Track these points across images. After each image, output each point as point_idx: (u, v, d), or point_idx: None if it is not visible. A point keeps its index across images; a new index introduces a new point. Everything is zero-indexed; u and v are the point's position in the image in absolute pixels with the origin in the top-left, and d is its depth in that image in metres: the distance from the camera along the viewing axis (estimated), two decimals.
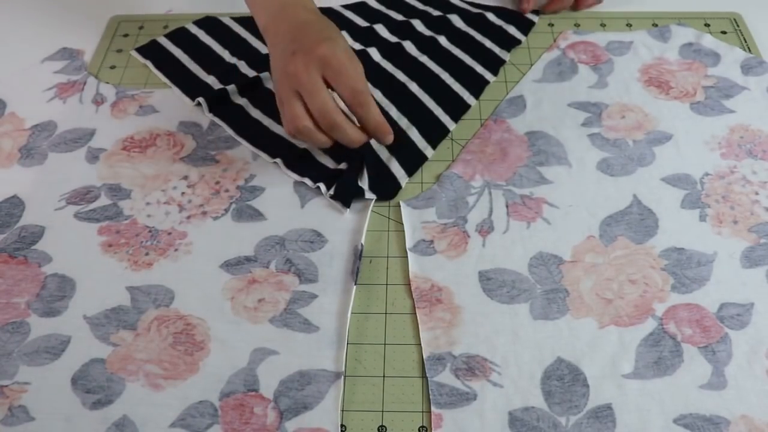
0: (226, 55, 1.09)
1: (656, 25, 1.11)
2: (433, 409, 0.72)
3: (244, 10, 1.16)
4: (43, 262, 0.84)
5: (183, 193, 0.90)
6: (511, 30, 1.11)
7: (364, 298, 0.81)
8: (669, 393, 0.72)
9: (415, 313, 0.79)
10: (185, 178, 0.92)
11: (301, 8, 0.89)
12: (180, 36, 1.13)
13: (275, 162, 0.93)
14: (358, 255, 0.83)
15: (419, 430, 0.71)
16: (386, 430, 0.71)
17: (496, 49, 1.08)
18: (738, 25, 1.12)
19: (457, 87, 1.02)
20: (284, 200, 0.90)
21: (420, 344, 0.77)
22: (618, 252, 0.83)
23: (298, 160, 0.92)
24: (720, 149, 0.93)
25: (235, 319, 0.79)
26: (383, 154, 0.93)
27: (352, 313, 0.79)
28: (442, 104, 0.99)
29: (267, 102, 0.99)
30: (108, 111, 1.01)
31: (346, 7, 1.17)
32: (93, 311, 0.80)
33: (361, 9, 1.17)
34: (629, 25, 1.12)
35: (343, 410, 0.72)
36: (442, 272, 0.83)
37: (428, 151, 0.94)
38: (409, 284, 0.82)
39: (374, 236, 0.87)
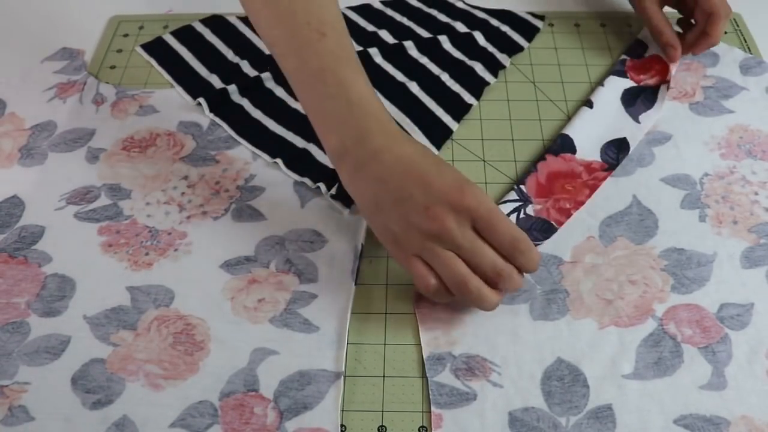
0: (230, 54, 1.09)
1: None
2: (433, 409, 0.72)
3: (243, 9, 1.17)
4: (43, 262, 0.84)
5: (183, 193, 0.90)
6: (515, 36, 1.11)
7: (364, 298, 0.81)
8: (669, 393, 0.72)
9: (415, 313, 0.79)
10: (185, 178, 0.92)
11: (391, 136, 0.78)
12: (185, 34, 1.13)
13: (275, 162, 0.93)
14: (357, 255, 0.83)
15: (419, 430, 0.71)
16: (386, 430, 0.71)
17: (498, 54, 1.07)
18: (738, 25, 1.12)
19: (456, 87, 1.02)
20: (284, 200, 0.90)
21: (420, 344, 0.77)
22: (618, 252, 0.83)
23: (298, 160, 0.92)
24: (719, 149, 0.93)
25: (235, 319, 0.79)
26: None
27: (352, 313, 0.79)
28: (442, 104, 0.99)
29: (267, 102, 0.99)
30: (108, 111, 1.01)
31: (350, 8, 1.17)
32: (93, 311, 0.80)
33: (364, 11, 1.17)
34: (629, 25, 1.12)
35: (343, 410, 0.72)
36: None
37: (433, 151, 0.93)
38: (409, 284, 0.82)
39: (374, 236, 0.86)
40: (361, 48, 1.07)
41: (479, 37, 1.09)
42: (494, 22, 1.13)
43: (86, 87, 1.04)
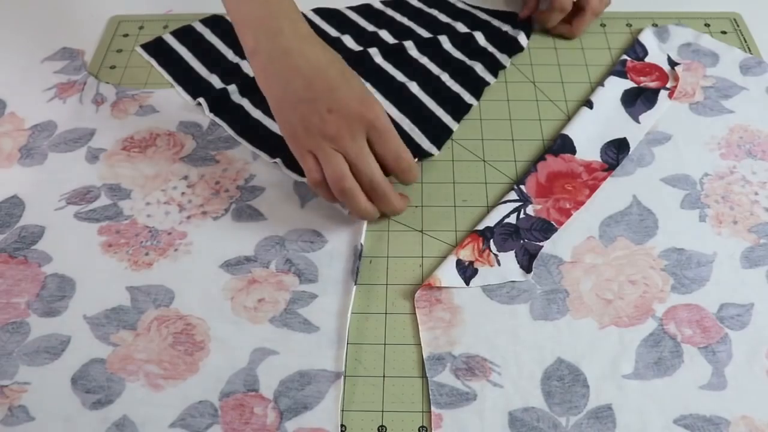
0: (229, 54, 1.08)
1: (656, 25, 1.11)
2: (433, 409, 0.72)
3: None
4: (43, 262, 0.84)
5: (183, 193, 0.90)
6: (516, 35, 1.10)
7: (364, 298, 0.81)
8: (669, 393, 0.72)
9: (415, 313, 0.79)
10: (185, 178, 0.92)
11: (303, 38, 0.82)
12: (185, 34, 1.13)
13: (275, 162, 0.92)
14: (357, 255, 0.83)
15: (419, 430, 0.71)
16: (386, 430, 0.71)
17: (498, 54, 1.07)
18: (738, 25, 1.12)
19: (456, 88, 1.02)
20: (284, 200, 0.90)
21: (420, 344, 0.77)
22: (618, 252, 0.83)
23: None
24: (719, 149, 0.93)
25: (235, 319, 0.79)
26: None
27: (352, 313, 0.79)
28: (443, 105, 0.99)
29: (267, 103, 0.99)
30: (108, 111, 1.01)
31: (351, 8, 1.17)
32: (93, 311, 0.80)
33: (365, 11, 1.16)
34: (629, 25, 1.12)
35: (343, 410, 0.72)
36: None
37: (434, 151, 0.94)
38: (409, 284, 0.82)
39: (374, 236, 0.87)
40: (361, 48, 1.07)
41: (479, 37, 1.09)
42: (495, 22, 1.13)
43: (86, 87, 1.04)
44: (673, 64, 1.04)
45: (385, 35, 1.10)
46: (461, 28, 1.12)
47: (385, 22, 1.13)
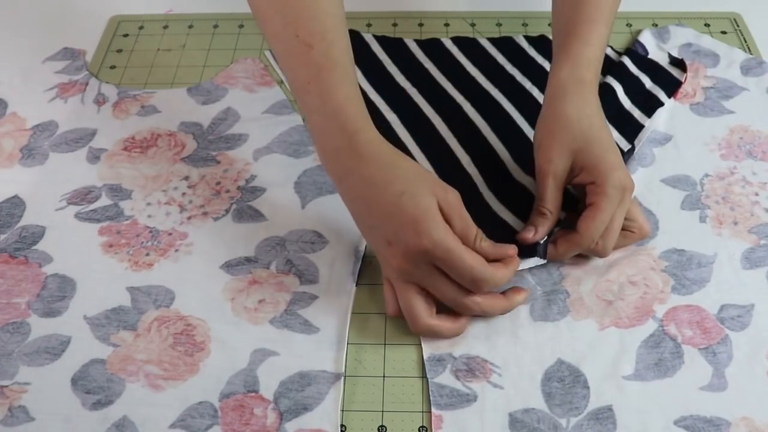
0: (358, 74, 1.04)
1: (656, 25, 1.11)
2: (433, 410, 0.72)
3: (244, 9, 1.17)
4: (44, 263, 0.84)
5: (184, 194, 0.90)
6: (660, 94, 1.01)
7: (364, 299, 0.81)
8: (669, 395, 0.72)
9: None
10: (186, 178, 0.92)
11: (361, 155, 0.76)
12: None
13: None
14: (359, 257, 0.83)
15: (419, 430, 0.71)
16: (386, 430, 0.71)
17: (636, 113, 0.98)
18: (738, 25, 1.12)
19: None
20: (285, 201, 0.90)
21: (420, 344, 0.77)
22: (618, 253, 0.83)
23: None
24: (720, 150, 0.93)
25: (236, 319, 0.79)
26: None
27: (352, 313, 0.79)
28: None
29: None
30: (109, 111, 1.01)
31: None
32: (93, 312, 0.80)
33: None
34: (629, 25, 1.12)
35: (343, 410, 0.72)
36: None
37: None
38: None
39: None
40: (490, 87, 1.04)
41: (619, 90, 1.00)
42: (633, 69, 1.04)
43: (88, 87, 1.04)
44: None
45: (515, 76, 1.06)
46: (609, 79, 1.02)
47: (524, 62, 1.08)
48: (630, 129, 0.95)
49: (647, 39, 1.08)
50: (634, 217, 0.82)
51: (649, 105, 0.99)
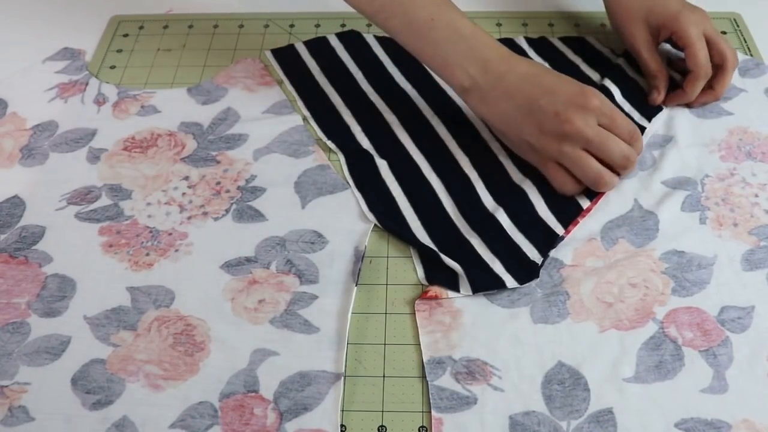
0: (359, 75, 1.07)
1: None
2: (433, 413, 0.72)
3: (244, 9, 1.17)
4: (44, 263, 0.84)
5: (184, 194, 0.90)
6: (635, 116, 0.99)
7: (364, 298, 0.81)
8: (670, 397, 0.72)
9: (415, 313, 0.79)
10: (186, 178, 0.92)
11: (510, 59, 0.88)
12: (318, 45, 1.12)
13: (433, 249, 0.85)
14: (360, 257, 0.83)
15: (419, 430, 0.71)
16: (386, 430, 0.71)
17: (636, 115, 0.99)
18: (738, 25, 1.12)
19: None
20: (285, 201, 0.90)
21: (420, 344, 0.77)
22: (618, 255, 0.83)
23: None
24: (719, 151, 0.93)
25: (236, 319, 0.79)
26: (517, 237, 0.86)
27: (352, 313, 0.79)
28: None
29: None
30: (110, 111, 1.01)
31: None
32: (93, 312, 0.80)
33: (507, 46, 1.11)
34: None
35: (343, 410, 0.72)
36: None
37: (559, 229, 0.86)
38: (409, 284, 0.83)
39: (374, 236, 0.87)
40: None
41: (616, 92, 1.00)
42: (630, 72, 1.04)
43: (88, 87, 1.04)
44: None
45: None
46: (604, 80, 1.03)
47: None
48: None
49: None
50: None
51: (649, 108, 0.99)
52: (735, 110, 0.98)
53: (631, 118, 0.96)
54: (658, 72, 0.99)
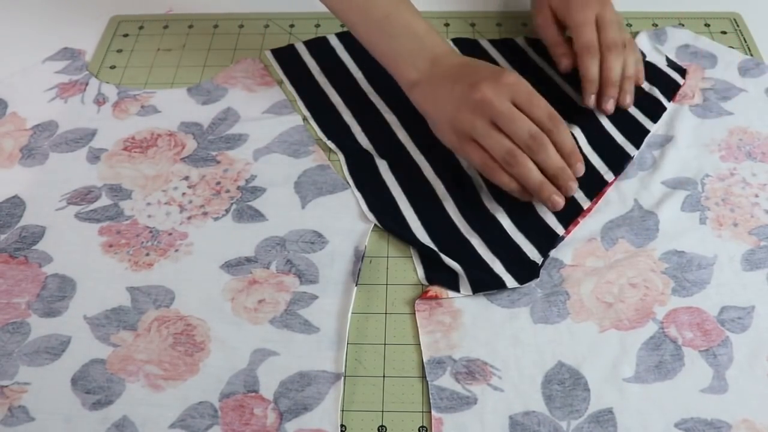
0: (358, 75, 1.07)
1: (656, 25, 1.11)
2: (433, 413, 0.72)
3: (244, 9, 1.17)
4: (44, 263, 0.84)
5: (184, 194, 0.90)
6: (656, 94, 1.00)
7: (364, 298, 0.81)
8: (670, 397, 0.72)
9: (415, 313, 0.79)
10: (186, 178, 0.92)
11: (457, 56, 0.91)
12: (318, 45, 1.12)
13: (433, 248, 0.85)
14: (360, 257, 0.83)
15: (419, 430, 0.71)
16: (386, 430, 0.71)
17: (641, 117, 0.98)
18: (738, 25, 1.12)
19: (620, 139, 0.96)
20: (285, 201, 0.90)
21: (419, 344, 0.77)
22: (618, 255, 0.83)
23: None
24: (719, 151, 0.93)
25: (236, 319, 0.79)
26: (517, 237, 0.86)
27: (352, 313, 0.79)
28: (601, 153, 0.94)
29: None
30: (109, 111, 1.01)
31: (492, 42, 1.13)
32: (93, 312, 0.80)
33: (509, 47, 1.12)
34: (629, 25, 1.12)
35: (343, 410, 0.73)
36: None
37: (559, 229, 0.86)
38: (409, 284, 0.83)
39: (374, 236, 0.87)
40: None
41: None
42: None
43: (88, 87, 1.04)
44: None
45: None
46: None
47: (524, 64, 1.08)
48: (637, 135, 0.95)
49: (644, 41, 1.08)
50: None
51: (652, 109, 0.98)
52: (735, 110, 0.98)
53: (636, 120, 0.97)
54: (556, 43, 1.01)
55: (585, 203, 0.88)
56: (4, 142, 0.97)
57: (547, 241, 0.84)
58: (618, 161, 0.92)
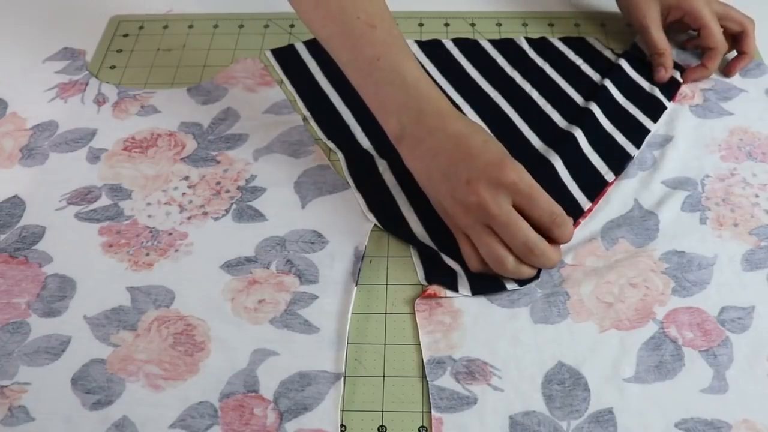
0: None
1: None
2: (433, 413, 0.72)
3: (244, 9, 1.17)
4: (44, 263, 0.84)
5: (184, 194, 0.90)
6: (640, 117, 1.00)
7: (364, 298, 0.81)
8: (670, 397, 0.72)
9: (415, 314, 0.79)
10: (186, 178, 0.92)
11: (445, 116, 0.83)
12: (318, 46, 1.11)
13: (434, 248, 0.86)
14: (360, 257, 0.83)
15: (419, 430, 0.71)
16: (386, 430, 0.71)
17: (641, 117, 0.99)
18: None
19: (621, 139, 0.96)
20: (285, 201, 0.90)
21: (419, 344, 0.77)
22: (619, 255, 0.83)
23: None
24: (720, 152, 0.93)
25: (236, 319, 0.79)
26: None
27: (352, 313, 0.79)
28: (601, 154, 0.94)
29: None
30: (110, 111, 1.01)
31: (492, 42, 1.12)
32: (93, 312, 0.80)
33: (512, 49, 1.11)
34: (629, 25, 1.12)
35: (343, 410, 0.72)
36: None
37: (586, 205, 0.88)
38: (409, 284, 0.83)
39: (374, 236, 0.87)
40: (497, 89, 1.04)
41: (617, 94, 1.02)
42: (631, 72, 1.05)
43: (88, 87, 1.04)
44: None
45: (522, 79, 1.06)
46: (606, 81, 1.03)
47: (525, 65, 1.08)
48: (637, 135, 0.95)
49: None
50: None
51: (652, 109, 0.99)
52: (735, 110, 0.98)
53: (636, 119, 0.97)
54: (665, 50, 1.01)
55: (586, 205, 0.88)
56: (4, 142, 0.97)
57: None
58: (618, 161, 0.92)
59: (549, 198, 0.78)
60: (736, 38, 1.04)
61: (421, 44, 1.11)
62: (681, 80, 1.01)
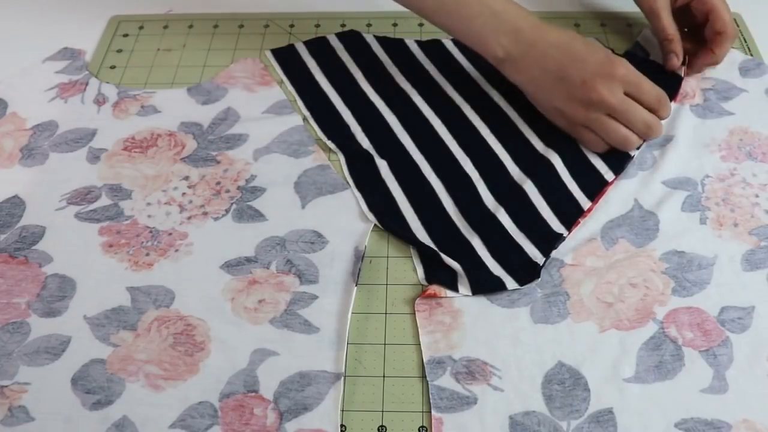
0: (358, 75, 1.06)
1: None
2: (433, 413, 0.72)
3: (244, 9, 1.17)
4: (44, 263, 0.84)
5: (184, 194, 0.90)
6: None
7: (364, 298, 0.81)
8: (670, 397, 0.72)
9: (415, 313, 0.79)
10: (186, 178, 0.92)
11: (541, 28, 0.92)
12: (318, 45, 1.12)
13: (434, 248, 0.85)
14: (360, 257, 0.83)
15: (419, 430, 0.71)
16: (386, 430, 0.71)
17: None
18: (738, 25, 1.11)
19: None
20: (285, 201, 0.90)
21: (419, 344, 0.77)
22: (619, 255, 0.83)
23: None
24: (720, 151, 0.93)
25: (236, 319, 0.79)
26: (518, 237, 0.86)
27: (352, 313, 0.79)
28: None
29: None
30: (110, 111, 1.01)
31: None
32: (93, 312, 0.80)
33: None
34: (629, 26, 1.12)
35: (343, 410, 0.72)
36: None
37: (561, 230, 0.86)
38: (409, 284, 0.83)
39: (374, 236, 0.87)
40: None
41: None
42: None
43: (88, 87, 1.04)
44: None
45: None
46: None
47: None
48: None
49: (647, 39, 1.08)
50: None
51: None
52: (735, 110, 0.98)
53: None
54: (675, 36, 1.01)
55: (586, 204, 0.88)
56: (4, 142, 0.97)
57: (548, 241, 0.84)
58: (618, 161, 0.92)
59: (652, 83, 0.90)
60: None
61: (421, 44, 1.11)
62: (683, 75, 1.01)
